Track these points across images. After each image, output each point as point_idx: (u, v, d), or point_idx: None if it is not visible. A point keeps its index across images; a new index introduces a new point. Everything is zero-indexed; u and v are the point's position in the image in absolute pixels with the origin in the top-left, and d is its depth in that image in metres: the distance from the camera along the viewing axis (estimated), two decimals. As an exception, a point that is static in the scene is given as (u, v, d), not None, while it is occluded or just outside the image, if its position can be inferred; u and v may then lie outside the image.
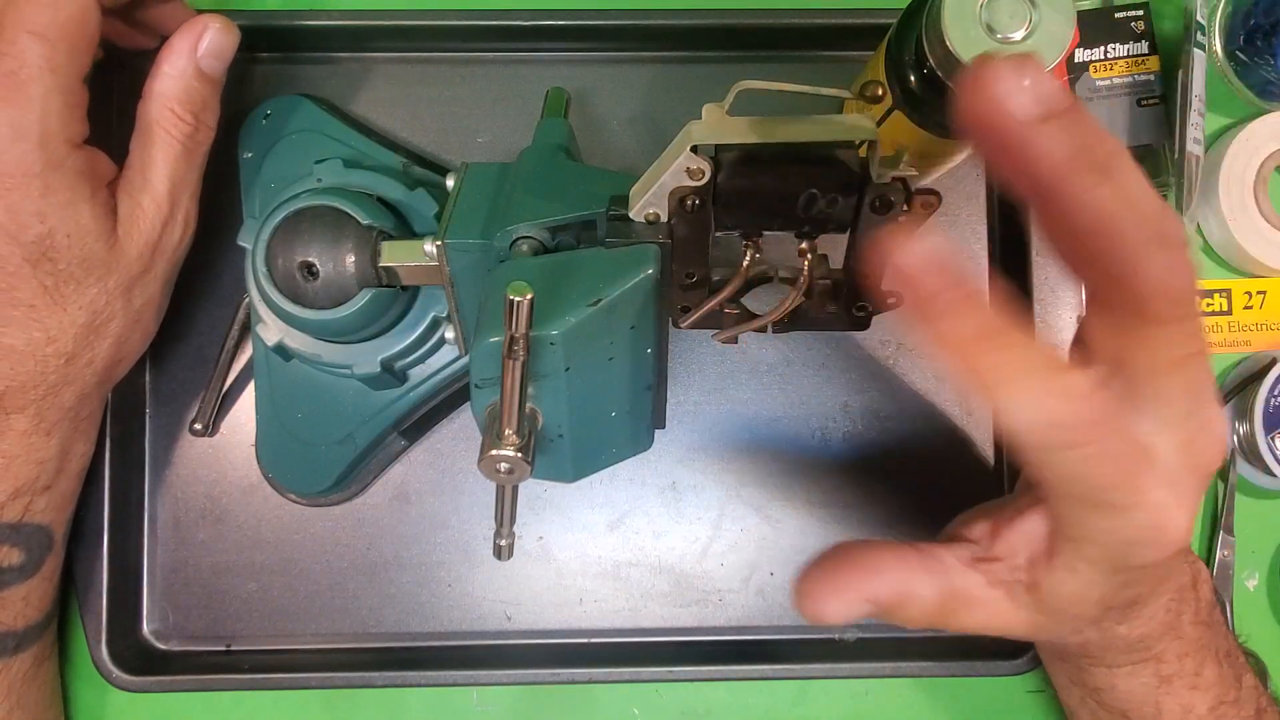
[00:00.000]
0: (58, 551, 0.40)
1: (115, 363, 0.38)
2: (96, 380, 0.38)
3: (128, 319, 0.37)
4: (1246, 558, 0.47)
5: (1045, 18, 0.32)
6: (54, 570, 0.40)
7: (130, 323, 0.38)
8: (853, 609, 0.30)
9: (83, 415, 0.39)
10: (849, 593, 0.30)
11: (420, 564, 0.45)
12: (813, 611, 0.30)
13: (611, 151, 0.46)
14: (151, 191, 0.36)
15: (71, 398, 0.37)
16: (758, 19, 0.45)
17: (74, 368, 0.37)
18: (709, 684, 0.45)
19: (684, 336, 0.45)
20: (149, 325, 0.39)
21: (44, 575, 0.39)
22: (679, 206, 0.30)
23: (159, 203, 0.36)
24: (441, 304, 0.40)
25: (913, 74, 0.36)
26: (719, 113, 0.30)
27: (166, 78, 0.36)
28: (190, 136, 0.37)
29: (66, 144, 0.34)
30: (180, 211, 0.37)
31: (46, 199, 0.33)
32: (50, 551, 0.39)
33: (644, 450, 0.36)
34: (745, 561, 0.46)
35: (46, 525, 0.39)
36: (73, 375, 0.37)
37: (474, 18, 0.45)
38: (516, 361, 0.27)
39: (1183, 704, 0.35)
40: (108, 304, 0.36)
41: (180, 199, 0.37)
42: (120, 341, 0.38)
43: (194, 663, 0.45)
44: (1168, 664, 0.35)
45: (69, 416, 0.38)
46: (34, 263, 0.34)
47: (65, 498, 0.40)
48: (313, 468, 0.42)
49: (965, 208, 0.47)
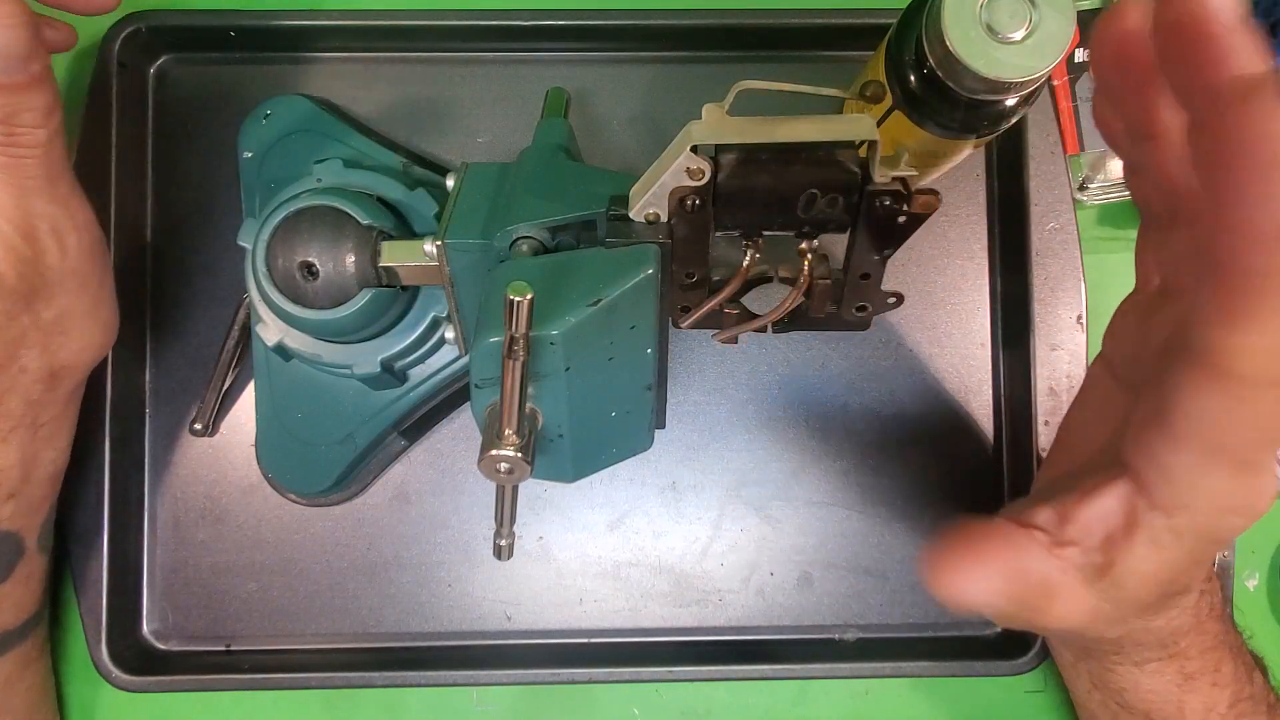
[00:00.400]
0: (32, 557, 0.40)
1: (56, 369, 0.37)
2: (42, 387, 0.37)
3: (44, 332, 0.36)
4: (1246, 558, 0.47)
5: (1045, 18, 0.32)
6: (29, 575, 0.40)
7: (52, 335, 0.36)
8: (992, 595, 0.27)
9: (42, 422, 0.38)
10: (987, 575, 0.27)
11: (420, 564, 0.45)
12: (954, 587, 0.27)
13: (611, 151, 0.47)
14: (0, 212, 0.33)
15: (18, 405, 0.36)
16: (758, 19, 0.45)
17: (7, 376, 0.35)
18: (709, 684, 0.45)
19: (684, 336, 0.45)
20: (85, 333, 0.38)
21: (16, 580, 0.39)
22: (679, 206, 0.30)
23: (9, 219, 0.34)
24: (441, 304, 0.40)
25: (913, 74, 0.36)
26: (719, 113, 0.30)
27: None
28: (9, 147, 0.33)
29: None
30: (41, 221, 0.34)
31: None
32: (20, 557, 0.39)
33: (644, 450, 0.36)
34: (745, 561, 0.46)
35: (14, 532, 0.38)
36: (9, 383, 0.36)
37: (474, 18, 0.45)
38: (516, 361, 0.27)
39: (1205, 702, 0.35)
40: (10, 322, 0.35)
41: (33, 209, 0.34)
42: (48, 351, 0.36)
43: (194, 663, 0.45)
44: (1192, 660, 0.35)
45: (24, 424, 0.37)
46: None
47: (34, 504, 0.39)
48: (313, 468, 0.42)
49: (965, 208, 0.47)
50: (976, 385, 0.47)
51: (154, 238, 0.46)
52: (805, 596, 0.46)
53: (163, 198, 0.46)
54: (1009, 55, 0.32)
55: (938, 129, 0.37)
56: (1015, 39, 0.32)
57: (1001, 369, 0.46)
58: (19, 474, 0.37)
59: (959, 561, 0.27)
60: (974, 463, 0.46)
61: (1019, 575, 0.27)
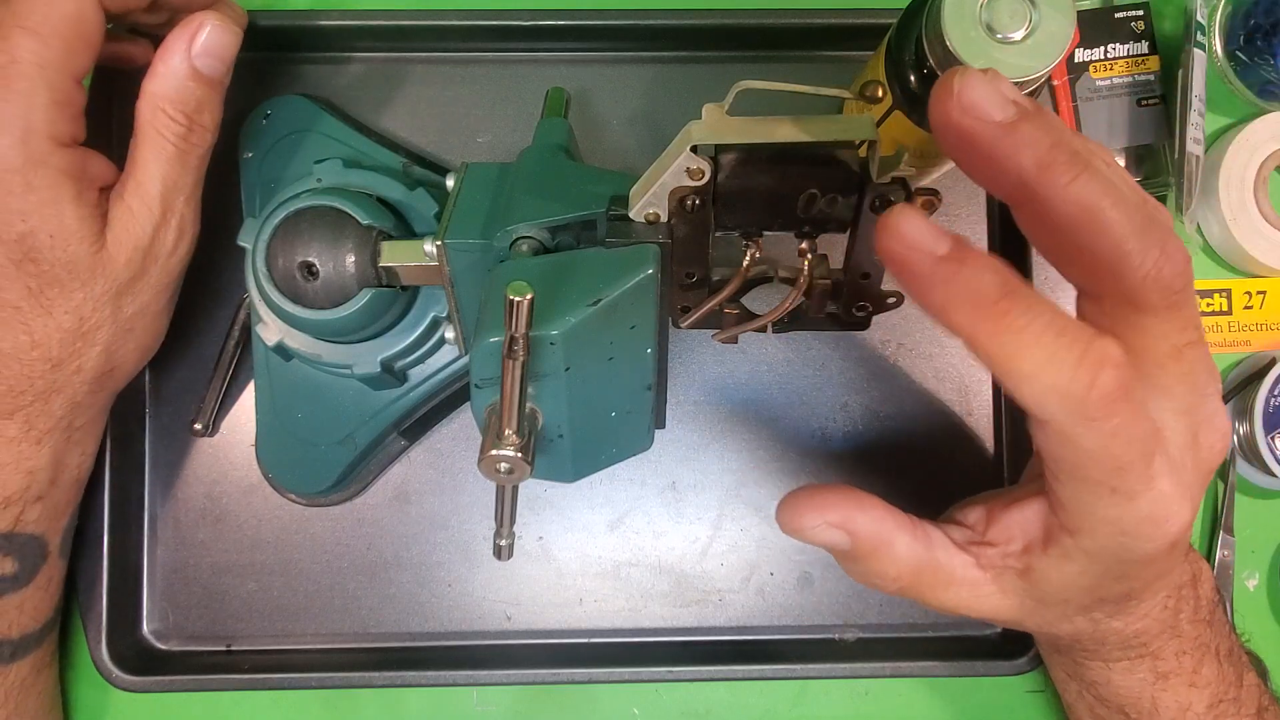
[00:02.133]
0: (54, 561, 0.40)
1: (106, 372, 0.37)
2: (88, 389, 0.37)
3: (117, 327, 0.36)
4: (1246, 558, 0.47)
5: (1045, 18, 0.32)
6: (50, 580, 0.40)
7: (120, 331, 0.37)
8: (829, 534, 0.31)
9: (76, 425, 0.38)
10: (831, 513, 0.31)
11: (420, 564, 0.45)
12: (792, 522, 0.31)
13: (611, 151, 0.46)
14: (142, 195, 0.35)
15: (61, 406, 0.37)
16: (758, 19, 0.45)
17: (61, 374, 0.36)
18: (709, 684, 0.45)
19: (684, 336, 0.45)
20: (144, 336, 0.38)
21: (38, 585, 0.39)
22: (679, 206, 0.30)
23: (150, 207, 0.35)
24: (441, 304, 0.40)
25: (913, 74, 0.36)
26: (719, 113, 0.30)
27: (159, 77, 0.34)
28: (183, 139, 0.35)
29: (50, 141, 0.33)
30: (174, 217, 0.36)
31: (27, 196, 0.33)
32: (44, 561, 0.39)
33: (644, 450, 0.36)
34: (745, 561, 0.46)
35: (40, 535, 0.38)
36: (60, 382, 0.36)
37: (474, 18, 0.45)
38: (516, 361, 0.27)
39: (1180, 701, 0.35)
40: (94, 310, 0.35)
41: (174, 203, 0.36)
42: (110, 350, 0.37)
43: (194, 663, 0.45)
44: (1165, 661, 0.35)
45: (60, 426, 0.37)
46: (17, 263, 0.33)
47: (60, 508, 0.39)
48: (313, 468, 0.42)
49: (965, 208, 0.47)
50: (976, 385, 0.47)
51: (154, 238, 0.46)
52: (805, 596, 0.46)
53: (163, 198, 0.46)
54: (1009, 55, 0.32)
55: (938, 129, 0.37)
56: (1015, 39, 0.32)
57: (1001, 369, 0.46)
58: (48, 477, 0.37)
59: (800, 502, 0.31)
60: (974, 462, 0.46)
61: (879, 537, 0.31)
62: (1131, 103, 0.47)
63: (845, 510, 0.31)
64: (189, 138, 0.35)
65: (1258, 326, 0.47)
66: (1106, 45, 0.47)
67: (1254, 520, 0.47)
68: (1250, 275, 0.48)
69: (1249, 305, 0.47)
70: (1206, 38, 0.46)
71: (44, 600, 0.40)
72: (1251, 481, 0.46)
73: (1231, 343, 0.47)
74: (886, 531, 0.31)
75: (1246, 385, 0.46)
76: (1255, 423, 0.44)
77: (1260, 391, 0.44)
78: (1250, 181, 0.46)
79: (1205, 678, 0.35)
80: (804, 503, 0.31)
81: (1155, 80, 0.47)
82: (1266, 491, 0.46)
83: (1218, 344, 0.47)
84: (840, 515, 0.31)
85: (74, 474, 0.39)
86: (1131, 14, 0.47)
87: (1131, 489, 0.27)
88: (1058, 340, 0.24)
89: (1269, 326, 0.47)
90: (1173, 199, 0.45)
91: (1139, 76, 0.47)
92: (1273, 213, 0.46)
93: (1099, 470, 0.26)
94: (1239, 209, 0.46)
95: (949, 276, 0.25)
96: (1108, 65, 0.47)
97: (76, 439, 0.38)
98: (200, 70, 0.35)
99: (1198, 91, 0.45)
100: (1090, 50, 0.47)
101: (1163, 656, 0.35)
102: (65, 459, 0.38)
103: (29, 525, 0.38)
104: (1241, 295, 0.47)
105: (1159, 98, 0.46)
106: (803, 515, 0.31)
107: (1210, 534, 0.46)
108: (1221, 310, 0.47)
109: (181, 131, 0.35)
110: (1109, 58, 0.47)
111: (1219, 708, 0.35)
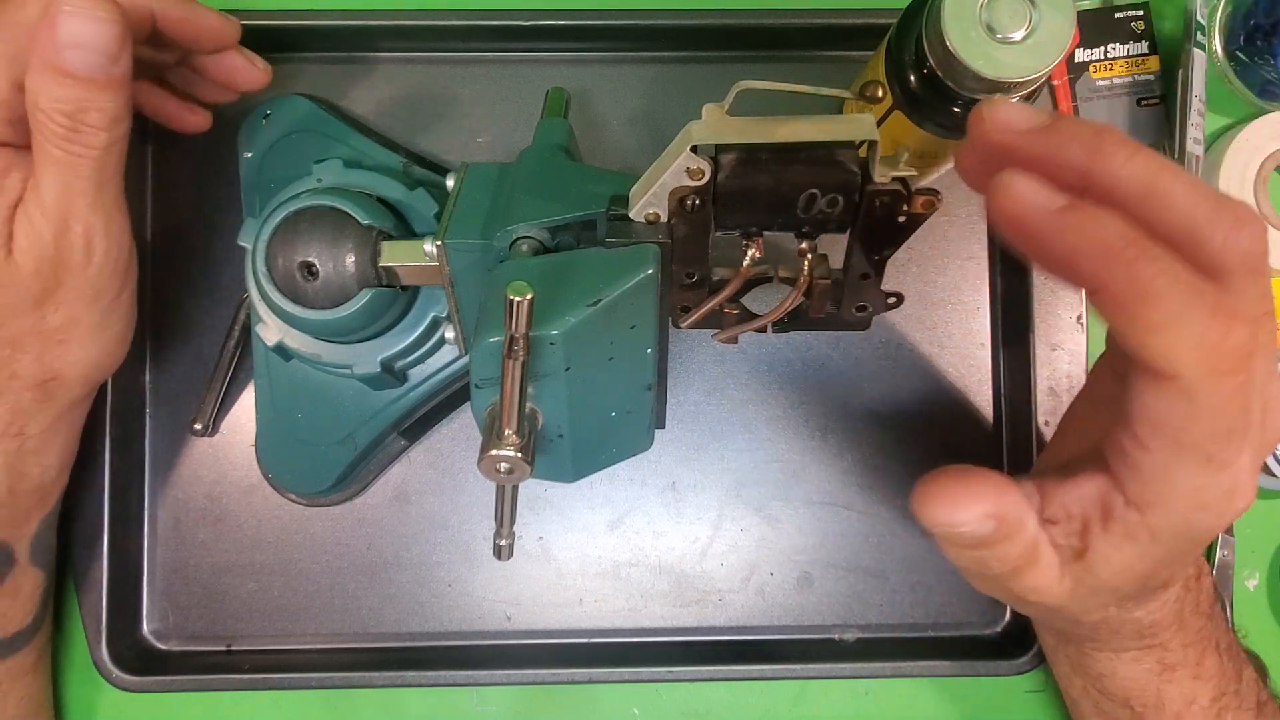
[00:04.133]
0: (24, 569, 0.39)
1: (47, 380, 0.36)
2: (31, 396, 0.36)
3: (44, 338, 0.35)
4: (1246, 558, 0.47)
5: (1045, 18, 0.32)
6: (20, 588, 0.39)
7: (50, 342, 0.35)
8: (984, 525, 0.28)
9: (30, 433, 0.37)
10: (989, 502, 0.28)
11: (420, 564, 0.45)
12: (946, 515, 0.28)
13: (611, 151, 0.47)
14: (39, 202, 0.32)
15: (4, 413, 0.35)
16: (758, 19, 0.45)
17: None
18: (709, 684, 0.45)
19: (684, 336, 0.45)
20: (83, 347, 0.36)
21: (6, 592, 0.38)
22: (679, 206, 0.30)
23: (46, 215, 0.32)
24: (441, 304, 0.40)
25: (913, 74, 0.36)
26: (719, 113, 0.30)
27: (32, 71, 0.31)
28: (67, 141, 0.31)
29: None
30: (77, 224, 0.33)
31: None
32: (10, 568, 0.38)
33: (644, 450, 0.36)
34: (745, 561, 0.46)
35: (2, 542, 0.38)
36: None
37: (474, 18, 0.45)
38: (516, 361, 0.27)
39: (1185, 693, 0.35)
40: (12, 319, 0.34)
41: (74, 210, 0.33)
42: (43, 359, 0.35)
43: (194, 663, 0.45)
44: (1172, 652, 0.35)
45: (9, 433, 0.36)
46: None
47: (20, 516, 0.38)
48: (313, 468, 0.42)
49: (965, 208, 0.47)
50: (976, 385, 0.47)
51: (154, 238, 0.46)
52: (805, 596, 0.46)
53: (162, 198, 0.46)
54: (1009, 55, 0.32)
55: (938, 129, 0.37)
56: (1015, 39, 0.32)
57: (1001, 369, 0.46)
58: (4, 484, 0.37)
59: (946, 489, 0.28)
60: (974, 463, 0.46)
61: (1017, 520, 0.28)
62: (1131, 103, 0.47)
63: (995, 498, 0.28)
64: (75, 140, 0.32)
65: (1258, 326, 0.47)
66: (1106, 45, 0.47)
67: (1254, 520, 0.47)
68: (1250, 275, 0.48)
69: (1249, 305, 0.47)
70: (1206, 38, 0.46)
71: (13, 608, 0.39)
72: (1251, 481, 0.46)
73: (1231, 343, 0.47)
74: (1022, 512, 0.29)
75: (1246, 385, 0.46)
76: (1255, 423, 0.44)
77: (1260, 391, 0.44)
78: (1250, 181, 0.46)
79: (1209, 670, 0.35)
80: (957, 491, 0.28)
81: (1155, 80, 0.47)
82: (1266, 491, 0.46)
83: (1218, 344, 0.47)
84: (995, 504, 0.28)
85: (35, 482, 0.38)
86: (1131, 14, 0.47)
87: (1226, 458, 0.26)
88: (1190, 289, 0.23)
89: (1269, 326, 0.47)
90: (1173, 199, 0.45)
91: (1139, 76, 0.47)
92: (1273, 213, 0.46)
93: (1207, 432, 0.25)
94: (1239, 209, 0.46)
95: (1074, 226, 0.24)
96: (1108, 65, 0.47)
97: (31, 447, 0.37)
98: (69, 65, 0.31)
99: (1198, 91, 0.45)
100: (1090, 50, 0.47)
101: (1170, 648, 0.35)
102: (21, 467, 0.37)
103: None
104: (1241, 295, 0.47)
105: (1159, 98, 0.46)
106: (958, 508, 0.28)
107: (1210, 534, 0.46)
108: (1221, 310, 0.47)
109: (63, 134, 0.31)
110: (1109, 58, 0.47)
111: (1222, 700, 0.36)
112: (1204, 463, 0.26)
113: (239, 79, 0.40)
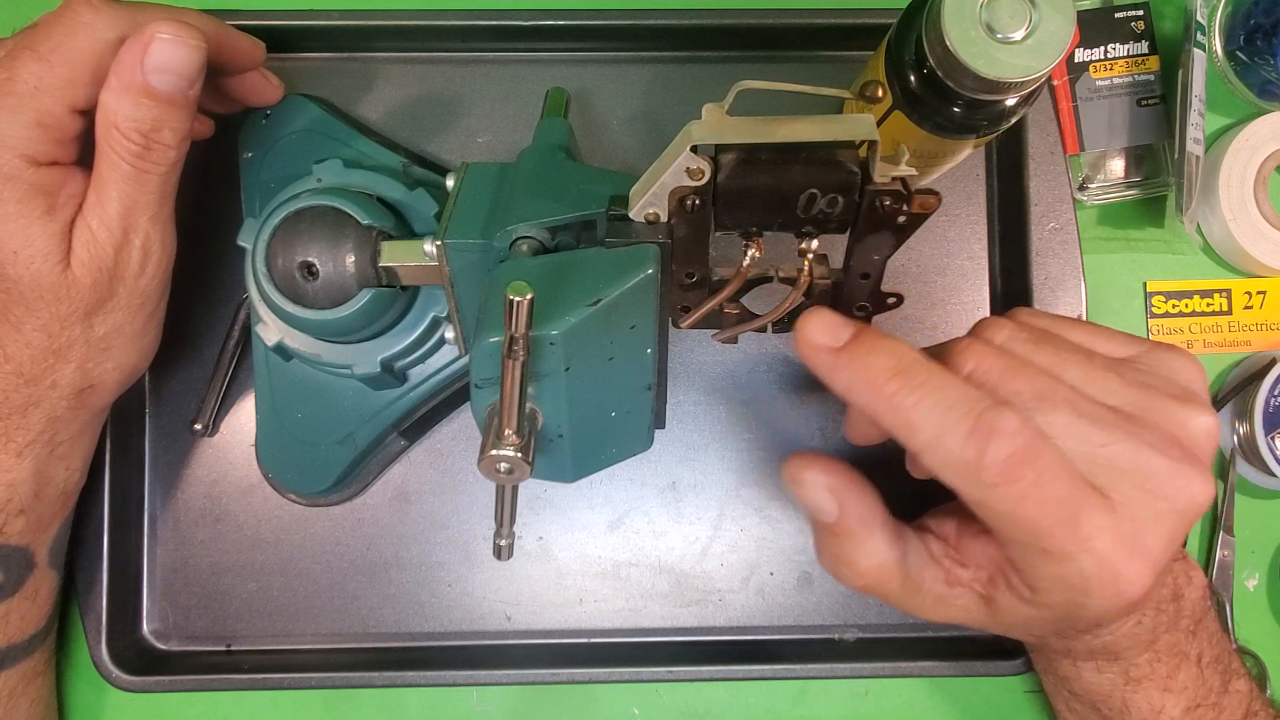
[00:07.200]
0: (42, 572, 0.39)
1: (85, 389, 0.37)
2: (67, 405, 0.36)
3: (90, 347, 0.36)
4: (1246, 558, 0.47)
5: (1045, 18, 0.32)
6: (39, 590, 0.40)
7: (95, 350, 0.36)
8: (822, 495, 0.32)
9: (59, 440, 0.37)
10: (834, 478, 0.32)
11: (420, 564, 0.45)
12: (797, 472, 0.32)
13: (611, 151, 0.46)
14: (102, 216, 0.34)
15: (40, 420, 0.36)
16: (758, 19, 0.45)
17: (37, 389, 0.35)
18: (709, 684, 0.45)
19: (684, 336, 0.45)
20: (124, 355, 0.37)
21: (25, 595, 0.39)
22: (679, 206, 0.30)
23: (109, 227, 0.34)
24: (441, 304, 0.40)
25: (913, 74, 0.36)
26: (719, 113, 0.30)
27: (111, 92, 0.33)
28: (140, 158, 0.33)
29: (22, 158, 0.32)
30: (137, 237, 0.34)
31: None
32: (30, 572, 0.39)
33: (644, 450, 0.36)
34: (745, 561, 0.46)
35: (24, 546, 0.38)
36: (37, 397, 0.36)
37: (474, 18, 0.45)
38: (516, 361, 0.27)
39: (1152, 704, 0.35)
40: (63, 329, 0.35)
41: (135, 224, 0.34)
42: (85, 369, 0.36)
43: (194, 663, 0.45)
44: (1137, 667, 0.35)
45: (41, 440, 0.37)
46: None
47: (46, 520, 0.39)
48: (313, 468, 0.42)
49: (965, 208, 0.47)
50: (976, 385, 0.47)
51: (154, 238, 0.46)
52: (805, 596, 0.46)
53: (163, 198, 0.46)
54: (1009, 55, 0.32)
55: (938, 129, 0.37)
56: (1015, 39, 0.32)
57: (1001, 369, 0.46)
58: (31, 490, 0.37)
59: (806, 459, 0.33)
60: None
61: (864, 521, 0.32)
62: (1131, 103, 0.47)
63: (846, 484, 0.32)
64: (147, 157, 0.33)
65: (1258, 326, 0.47)
66: (1106, 45, 0.47)
67: (1254, 520, 0.47)
68: (1250, 275, 0.48)
69: (1249, 305, 0.47)
70: (1206, 38, 0.46)
71: (31, 611, 0.39)
72: (1251, 481, 0.46)
73: (1231, 343, 0.47)
74: (872, 521, 0.32)
75: (1246, 385, 0.46)
76: (1255, 423, 0.44)
77: (1260, 391, 0.44)
78: (1250, 181, 0.46)
79: (1181, 683, 0.35)
80: (813, 461, 0.32)
81: (1155, 80, 0.47)
82: (1266, 491, 0.46)
83: (1218, 344, 0.47)
84: (840, 484, 0.32)
85: (60, 487, 0.39)
86: (1131, 14, 0.47)
87: (1062, 550, 0.27)
88: (948, 414, 0.27)
89: (1269, 326, 0.47)
90: (1173, 199, 0.45)
91: (1139, 76, 0.47)
92: (1273, 213, 0.46)
93: (1020, 533, 0.27)
94: (1239, 209, 0.46)
95: (845, 364, 0.29)
96: (1108, 65, 0.47)
97: (60, 454, 0.38)
98: (155, 87, 0.33)
99: (1198, 91, 0.45)
100: (1090, 50, 0.47)
101: (1135, 663, 0.35)
102: (49, 473, 0.38)
103: (13, 537, 0.37)
104: (1241, 295, 0.47)
105: (1159, 98, 0.46)
106: (808, 469, 0.32)
107: (1210, 534, 0.46)
108: (1221, 310, 0.47)
109: (137, 151, 0.33)
110: (1109, 58, 0.47)
111: (1196, 712, 0.35)
112: (1042, 555, 0.27)
113: (254, 96, 0.41)
